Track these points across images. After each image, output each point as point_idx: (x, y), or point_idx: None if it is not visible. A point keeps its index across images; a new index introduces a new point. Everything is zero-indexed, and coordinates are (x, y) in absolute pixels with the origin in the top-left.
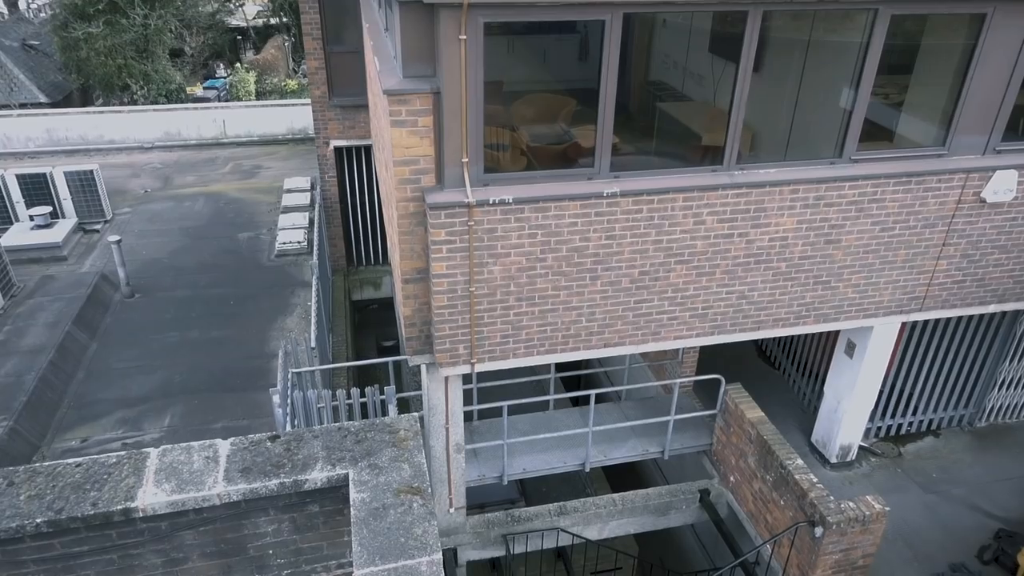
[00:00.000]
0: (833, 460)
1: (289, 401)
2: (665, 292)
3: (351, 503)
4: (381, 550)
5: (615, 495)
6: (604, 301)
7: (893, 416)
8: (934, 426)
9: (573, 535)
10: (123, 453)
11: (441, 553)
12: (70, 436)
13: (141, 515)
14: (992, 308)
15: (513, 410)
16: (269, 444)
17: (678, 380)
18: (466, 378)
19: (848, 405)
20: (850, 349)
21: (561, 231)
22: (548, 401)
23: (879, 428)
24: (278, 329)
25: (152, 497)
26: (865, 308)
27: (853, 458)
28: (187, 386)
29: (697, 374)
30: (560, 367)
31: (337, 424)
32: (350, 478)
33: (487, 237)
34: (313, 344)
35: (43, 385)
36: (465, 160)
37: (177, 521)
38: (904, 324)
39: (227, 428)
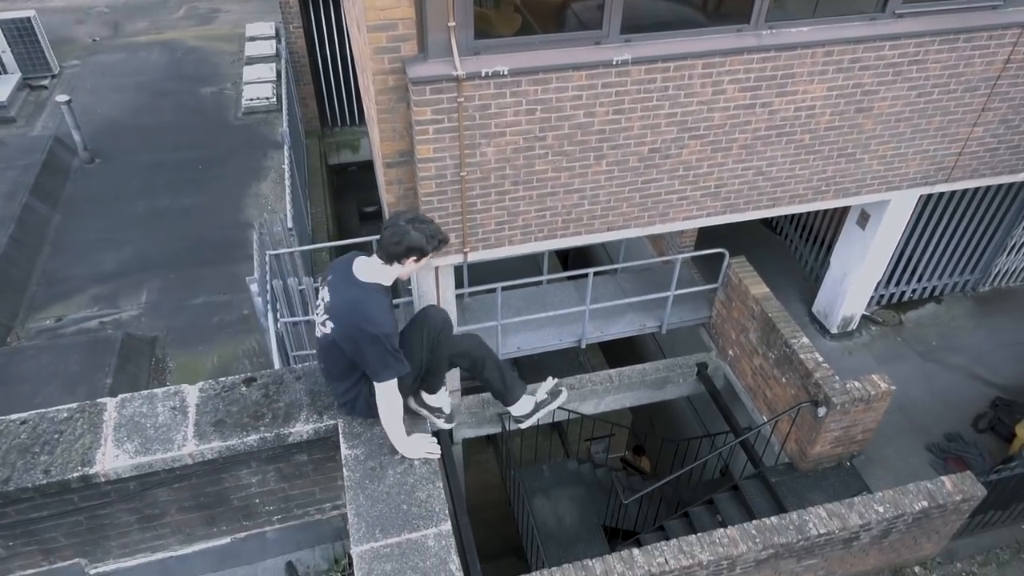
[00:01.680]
0: (834, 331)
1: (269, 288)
2: (676, 171)
3: (343, 461)
4: (381, 520)
5: (611, 371)
6: (609, 182)
7: (897, 284)
8: (937, 292)
9: (569, 411)
10: (74, 406)
11: (449, 523)
12: (43, 316)
13: (103, 480)
14: (1023, 176)
15: (507, 287)
16: (244, 389)
17: (680, 256)
18: None
19: (855, 277)
20: (863, 220)
21: (563, 106)
22: (542, 278)
23: (881, 296)
24: (252, 196)
25: (113, 461)
26: (889, 181)
27: (854, 328)
28: (161, 259)
29: (697, 242)
30: None
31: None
32: (340, 429)
33: (479, 115)
34: (291, 224)
35: (6, 262)
36: (452, 24)
37: (147, 480)
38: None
39: (207, 303)
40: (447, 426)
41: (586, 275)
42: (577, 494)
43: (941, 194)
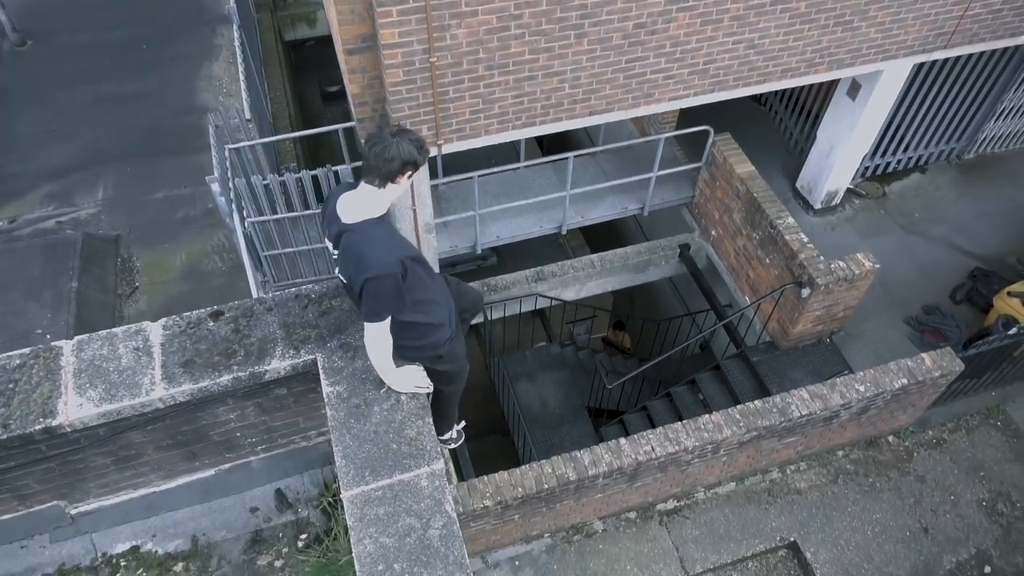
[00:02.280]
0: (817, 206)
1: (231, 187)
2: (663, 47)
3: (325, 399)
4: (370, 462)
5: (593, 256)
6: (591, 63)
7: (883, 155)
8: (922, 162)
9: (551, 298)
10: (27, 351)
11: (443, 461)
12: None
13: (69, 430)
14: None
15: (483, 175)
16: (212, 325)
17: (662, 135)
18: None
19: (842, 150)
20: (853, 91)
21: None
22: (520, 164)
23: (865, 169)
24: (205, 78)
25: (77, 410)
26: (886, 50)
27: (838, 203)
28: (115, 151)
29: (680, 119)
30: None
31: (294, 291)
32: (319, 365)
33: None
34: (248, 115)
35: None
36: None
37: (116, 425)
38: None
39: (169, 198)
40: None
41: (566, 159)
42: (561, 377)
43: (934, 61)
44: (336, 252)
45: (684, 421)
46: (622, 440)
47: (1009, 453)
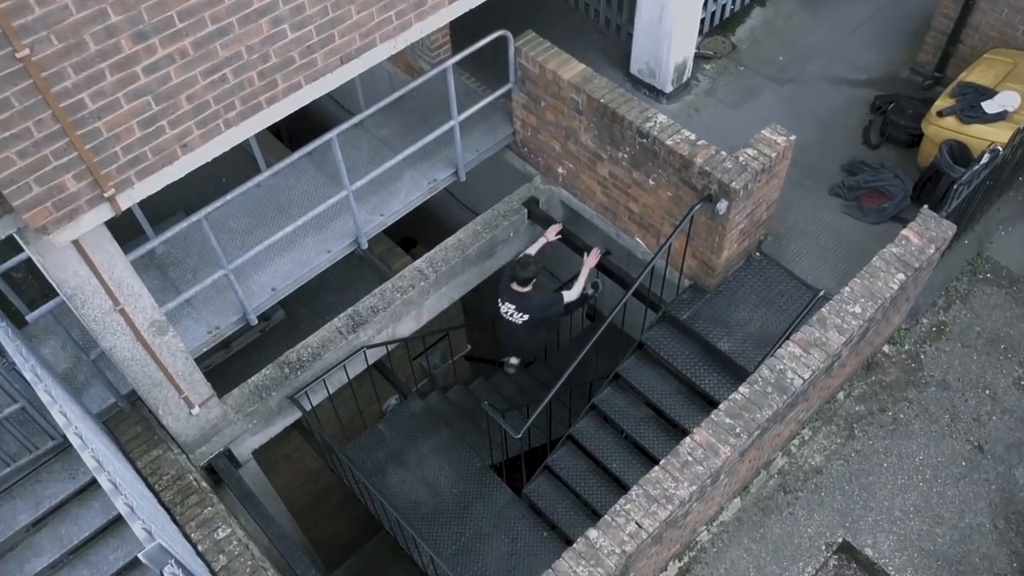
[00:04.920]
0: (668, 89)
1: None
2: None
3: None
4: None
5: (419, 263)
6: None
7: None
8: None
9: (384, 344)
10: None
11: None
12: None
13: None
14: None
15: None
16: None
17: (447, 63)
18: None
19: (675, 6)
20: None
21: None
22: (261, 176)
23: (702, 21)
24: None
25: None
26: None
27: (689, 77)
28: None
29: (454, 42)
30: None
31: None
32: None
33: None
34: None
35: None
36: None
37: None
38: None
39: None
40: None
41: (328, 143)
42: (439, 443)
43: None
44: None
45: (661, 464)
46: (592, 532)
47: (1016, 306)
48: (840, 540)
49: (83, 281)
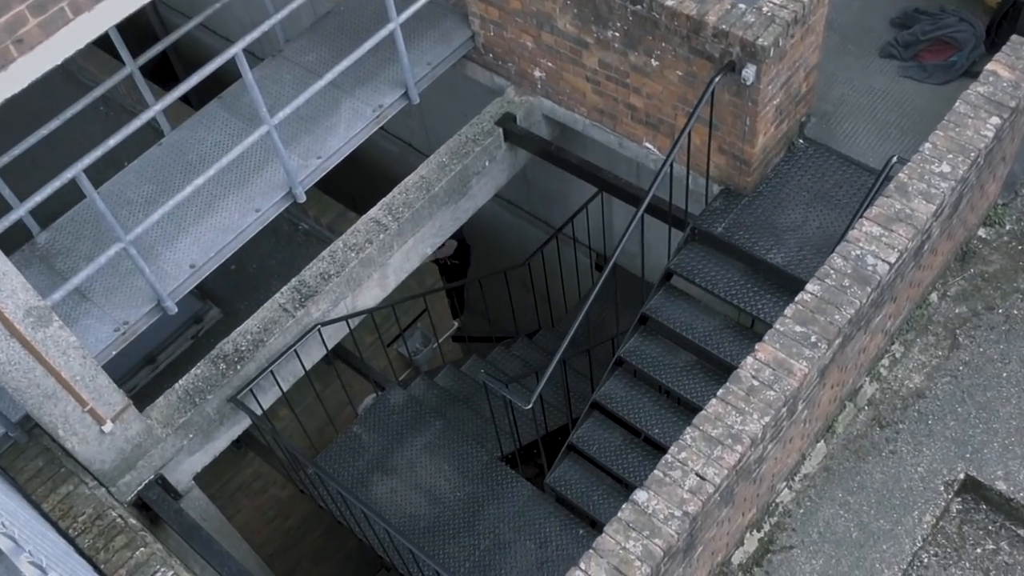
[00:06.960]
0: None
1: None
2: None
3: None
4: None
5: (374, 212)
6: None
7: None
8: None
9: (343, 318)
10: None
11: None
12: None
13: None
14: None
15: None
16: None
17: None
18: None
19: None
20: None
21: None
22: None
23: None
24: None
25: None
26: None
27: None
28: None
29: None
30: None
31: None
32: None
33: None
34: None
35: None
36: None
37: None
38: None
39: None
40: None
41: (237, 78)
42: (431, 439)
43: None
44: None
45: (720, 394)
46: (639, 496)
47: None
48: (962, 476)
49: None
